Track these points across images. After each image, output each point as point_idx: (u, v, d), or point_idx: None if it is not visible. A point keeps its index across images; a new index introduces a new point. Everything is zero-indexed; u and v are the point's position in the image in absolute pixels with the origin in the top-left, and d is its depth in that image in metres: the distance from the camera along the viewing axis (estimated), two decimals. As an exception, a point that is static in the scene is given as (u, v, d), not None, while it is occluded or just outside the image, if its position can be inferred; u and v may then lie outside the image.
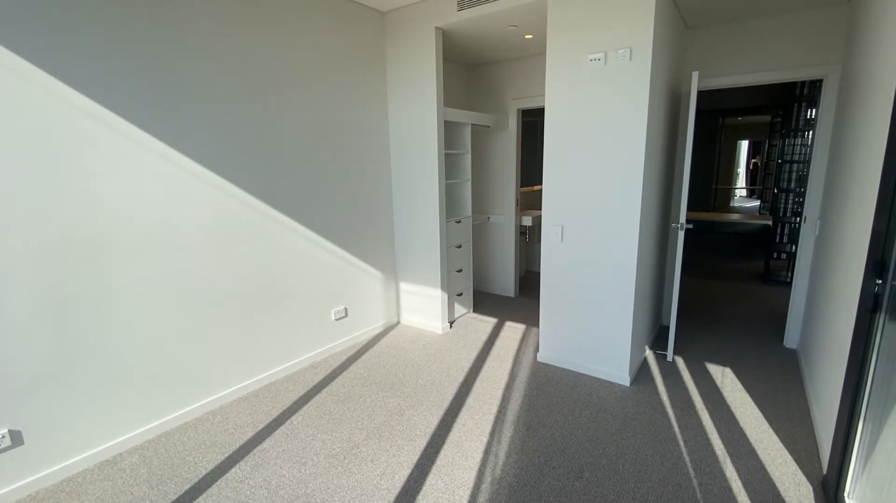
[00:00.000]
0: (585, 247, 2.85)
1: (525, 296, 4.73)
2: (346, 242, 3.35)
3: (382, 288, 3.76)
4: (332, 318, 3.32)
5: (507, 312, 4.23)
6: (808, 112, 4.96)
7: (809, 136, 4.90)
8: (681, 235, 3.04)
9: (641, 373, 2.99)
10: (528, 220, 4.99)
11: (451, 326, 3.87)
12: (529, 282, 5.18)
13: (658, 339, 3.55)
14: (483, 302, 4.54)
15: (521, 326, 3.87)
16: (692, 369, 3.03)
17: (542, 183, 2.96)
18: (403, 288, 3.88)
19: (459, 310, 4.07)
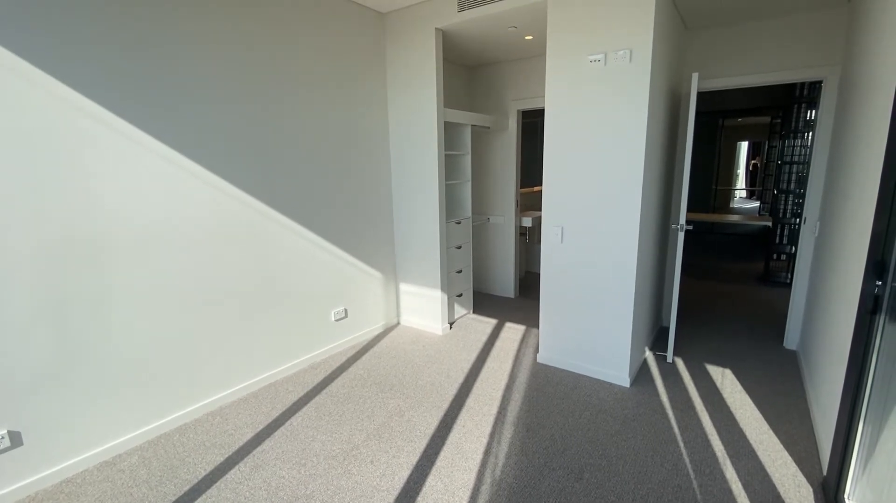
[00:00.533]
0: (585, 248, 2.85)
1: (525, 297, 4.72)
2: (346, 243, 3.35)
3: (382, 289, 3.75)
4: (332, 319, 3.32)
5: (507, 313, 4.23)
6: (808, 113, 4.97)
7: (809, 138, 4.91)
8: (681, 236, 3.04)
9: (641, 374, 2.99)
10: (528, 221, 4.99)
11: (451, 327, 3.87)
12: (529, 283, 5.18)
13: (658, 340, 3.55)
14: (483, 303, 4.54)
15: (521, 327, 3.87)
16: (692, 370, 3.03)
17: (542, 184, 2.96)
18: (403, 289, 3.88)
19: (459, 310, 4.07)
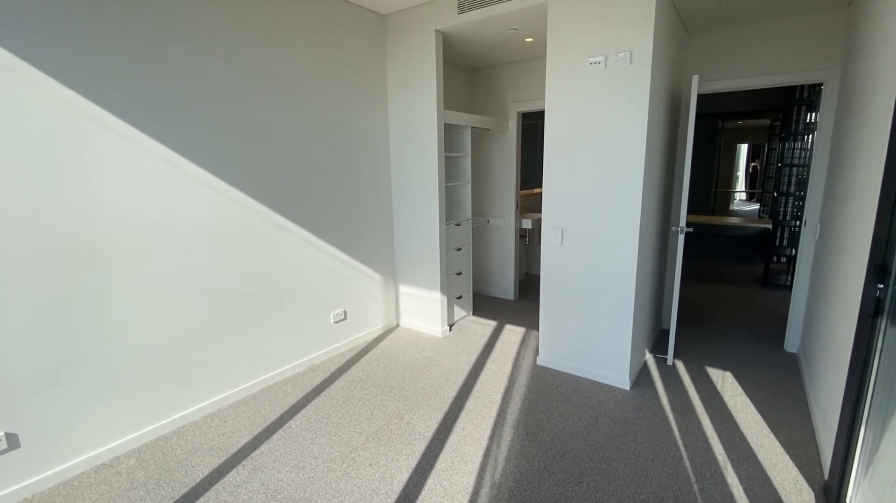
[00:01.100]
0: (585, 250, 2.84)
1: (525, 299, 4.72)
2: (346, 244, 3.34)
3: (382, 290, 3.75)
4: (331, 321, 3.31)
5: (507, 315, 4.22)
6: (808, 116, 4.96)
7: (809, 140, 4.90)
8: (681, 239, 3.03)
9: (641, 377, 2.98)
10: (528, 223, 4.98)
11: (451, 329, 3.86)
12: (529, 285, 5.17)
13: (658, 343, 3.54)
14: (483, 305, 4.53)
15: (521, 329, 3.86)
16: (692, 373, 3.02)
17: (542, 186, 2.95)
18: (403, 290, 3.87)
19: (459, 313, 4.06)
